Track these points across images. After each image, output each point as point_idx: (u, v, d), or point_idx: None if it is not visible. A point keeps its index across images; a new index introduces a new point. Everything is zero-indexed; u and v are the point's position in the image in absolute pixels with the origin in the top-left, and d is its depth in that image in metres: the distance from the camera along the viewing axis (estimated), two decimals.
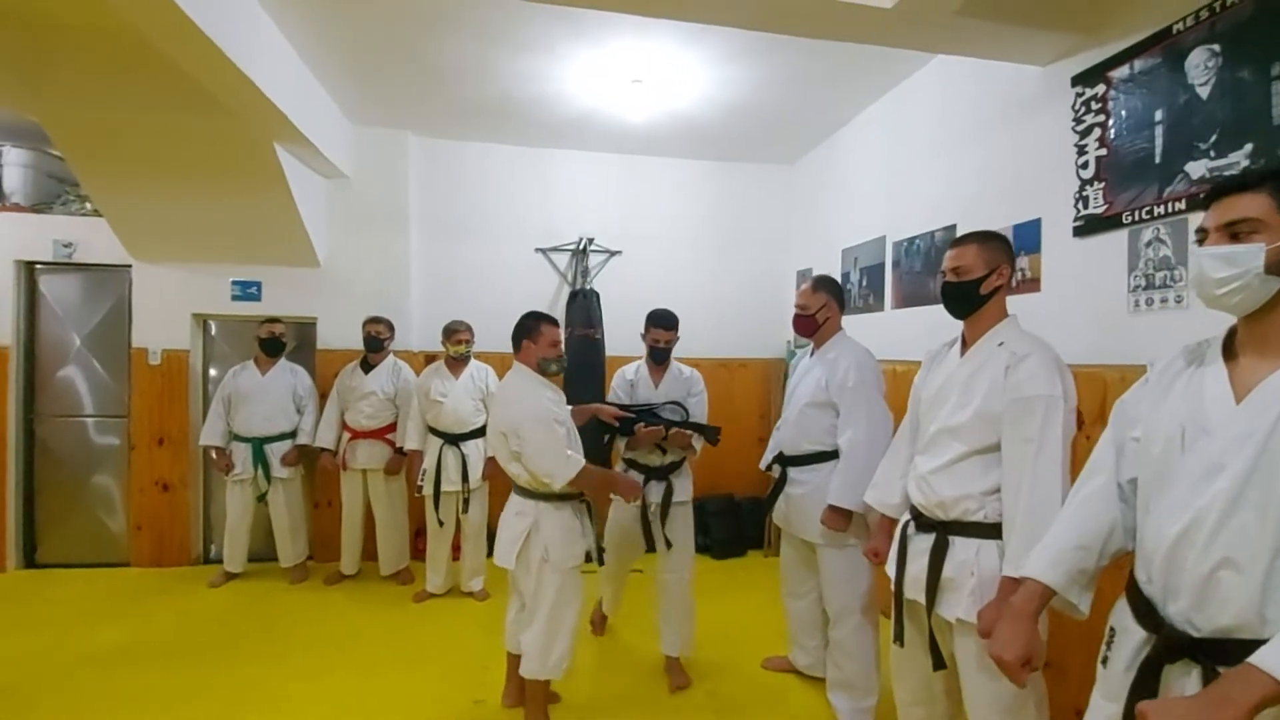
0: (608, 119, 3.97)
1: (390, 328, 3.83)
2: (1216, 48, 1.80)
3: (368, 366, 3.79)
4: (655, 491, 2.67)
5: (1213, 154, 1.80)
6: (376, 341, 3.76)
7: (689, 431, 2.65)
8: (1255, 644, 0.91)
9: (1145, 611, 1.11)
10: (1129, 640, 1.14)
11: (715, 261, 4.81)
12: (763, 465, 2.72)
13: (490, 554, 3.62)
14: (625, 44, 3.03)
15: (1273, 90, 1.66)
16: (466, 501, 3.54)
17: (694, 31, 2.81)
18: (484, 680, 2.66)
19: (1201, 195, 1.79)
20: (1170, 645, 1.06)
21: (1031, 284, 2.43)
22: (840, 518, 2.27)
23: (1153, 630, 1.09)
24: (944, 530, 1.65)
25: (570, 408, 2.47)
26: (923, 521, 1.72)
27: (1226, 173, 1.76)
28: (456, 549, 3.70)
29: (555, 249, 4.57)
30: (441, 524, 3.54)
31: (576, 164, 4.62)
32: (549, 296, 4.57)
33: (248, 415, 3.71)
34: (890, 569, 1.81)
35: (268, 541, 3.90)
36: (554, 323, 2.41)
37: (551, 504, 2.28)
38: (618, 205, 4.67)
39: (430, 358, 3.91)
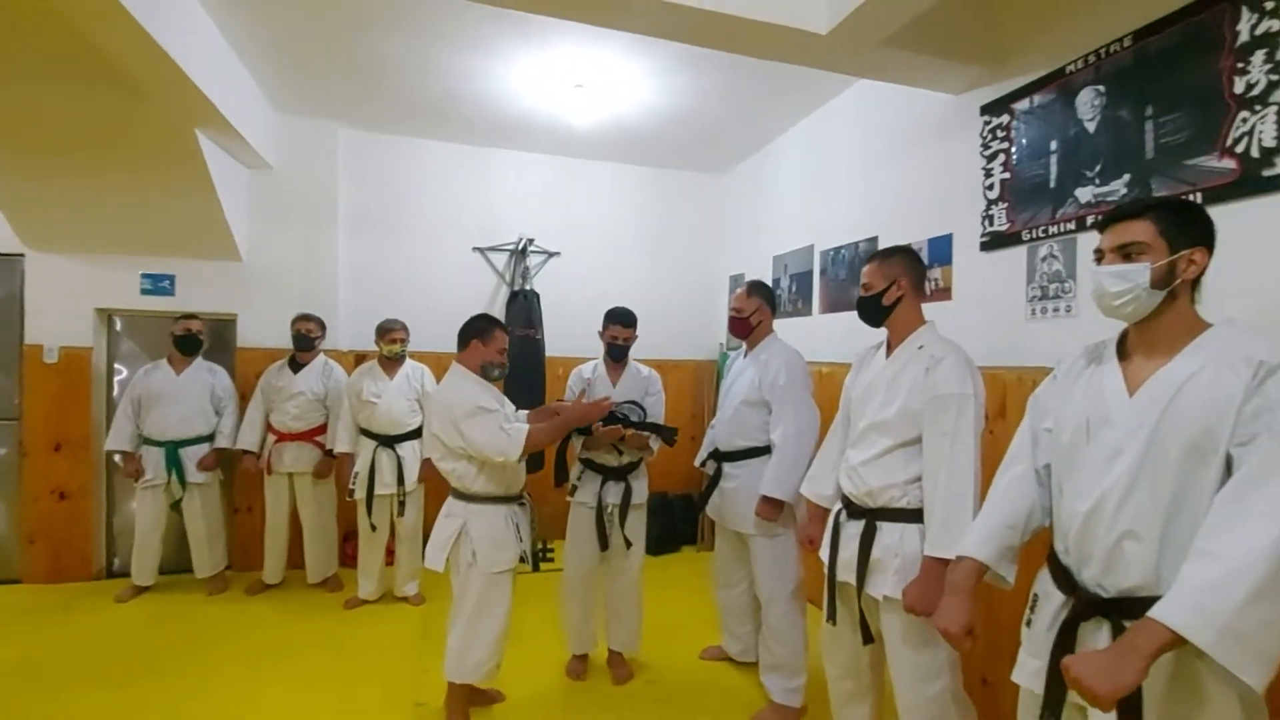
0: (550, 121, 4.00)
1: (321, 326, 3.70)
2: (1102, 89, 2.05)
3: (296, 366, 3.64)
4: (613, 492, 2.69)
5: (1098, 181, 2.05)
6: (307, 340, 3.62)
7: (646, 432, 2.68)
8: (1153, 601, 1.07)
9: (1063, 578, 1.28)
10: (1050, 604, 1.30)
11: (651, 264, 4.93)
12: (698, 462, 2.83)
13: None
14: (569, 49, 3.08)
15: (1146, 128, 1.91)
16: (402, 504, 3.48)
17: (636, 41, 2.89)
18: (424, 683, 2.63)
19: (1088, 218, 2.05)
20: (1084, 606, 1.22)
21: (944, 293, 2.66)
22: (773, 508, 2.40)
23: (1069, 593, 1.26)
24: (872, 517, 1.80)
25: (528, 411, 2.48)
26: (853, 509, 1.87)
27: (1109, 199, 2.01)
28: (390, 554, 3.62)
29: (494, 248, 4.55)
30: (374, 528, 3.46)
31: (517, 164, 4.62)
32: (487, 296, 4.54)
33: (161, 417, 3.49)
34: (824, 554, 1.95)
35: (181, 552, 3.68)
36: (506, 330, 2.44)
37: (481, 506, 2.29)
38: (558, 207, 4.70)
39: (361, 357, 3.81)
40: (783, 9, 2.19)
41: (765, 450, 2.53)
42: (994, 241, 2.43)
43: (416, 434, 3.51)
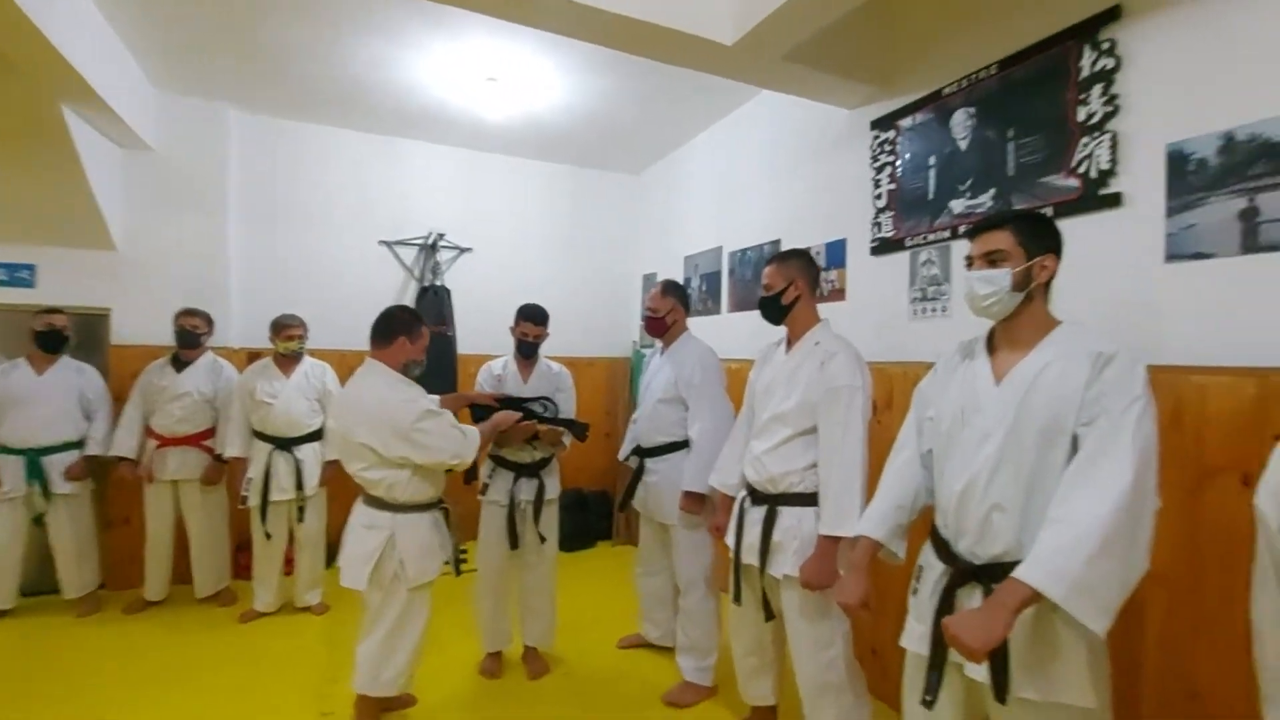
0: (462, 114, 3.93)
1: (208, 321, 3.45)
2: (972, 110, 2.28)
3: (180, 364, 3.38)
4: (526, 489, 2.69)
5: (969, 195, 2.28)
6: (191, 336, 3.37)
7: (559, 428, 2.70)
8: (1017, 565, 1.22)
9: (943, 549, 1.43)
10: (931, 573, 1.45)
11: (566, 262, 4.94)
12: (621, 456, 2.90)
13: (330, 564, 3.46)
14: (481, 42, 3.05)
15: (1008, 149, 2.15)
16: (301, 510, 3.31)
17: (550, 38, 2.89)
18: (330, 693, 2.53)
19: (960, 227, 2.28)
20: (961, 573, 1.38)
21: (839, 293, 2.86)
22: (695, 501, 2.50)
23: (948, 563, 1.41)
24: (773, 502, 1.93)
25: (439, 397, 2.42)
26: (756, 496, 1.99)
27: (978, 210, 2.24)
28: (289, 562, 3.44)
29: (403, 242, 4.40)
30: (270, 537, 3.27)
31: (428, 156, 4.49)
32: (395, 291, 4.39)
33: (21, 422, 3.13)
34: (730, 540, 2.06)
35: (45, 571, 3.32)
36: (425, 325, 2.36)
37: (409, 515, 2.17)
38: (470, 201, 4.62)
39: (255, 355, 3.59)
40: (691, 19, 2.28)
41: (684, 444, 2.63)
42: (882, 247, 2.64)
43: (317, 435, 3.35)
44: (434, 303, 4.17)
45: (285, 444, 3.27)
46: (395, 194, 4.41)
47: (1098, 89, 1.88)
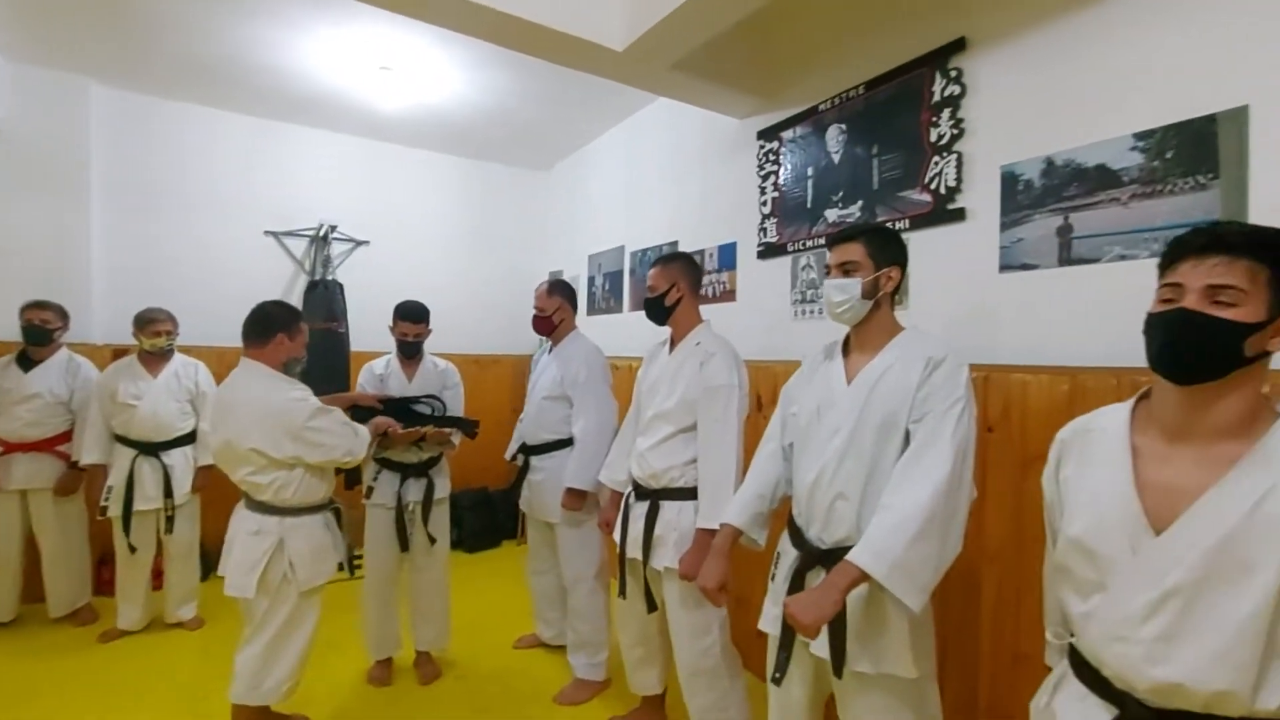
0: (356, 102, 3.78)
1: (62, 315, 3.14)
2: (844, 127, 2.44)
3: (28, 363, 3.07)
4: (414, 490, 2.64)
5: (841, 205, 2.44)
6: (42, 332, 3.05)
7: (447, 428, 2.65)
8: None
9: (796, 536, 1.54)
10: (786, 559, 1.55)
11: (470, 258, 4.85)
12: (508, 456, 2.89)
13: (207, 576, 3.25)
14: (372, 29, 2.95)
15: (874, 164, 2.31)
16: (170, 520, 3.08)
17: (445, 31, 2.84)
18: (203, 710, 2.40)
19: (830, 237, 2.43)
20: (810, 557, 1.48)
21: (730, 294, 2.98)
22: (576, 498, 2.53)
23: (800, 548, 1.51)
24: (656, 497, 2.00)
25: (321, 399, 2.33)
26: (641, 492, 2.05)
27: (848, 219, 2.40)
28: (158, 575, 3.20)
29: (291, 233, 4.18)
30: (134, 549, 3.03)
31: (320, 144, 4.28)
32: (282, 284, 4.16)
33: None
34: (616, 535, 2.12)
35: None
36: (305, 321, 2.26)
37: (299, 518, 2.08)
38: (366, 192, 4.44)
39: (121, 352, 3.31)
40: (582, 23, 2.31)
41: (568, 443, 2.65)
42: (767, 251, 2.78)
43: (188, 439, 3.14)
44: (324, 297, 3.98)
45: (151, 449, 3.04)
46: (284, 182, 4.18)
47: (947, 113, 2.06)
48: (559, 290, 2.73)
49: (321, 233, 4.19)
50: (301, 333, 2.19)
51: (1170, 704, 0.87)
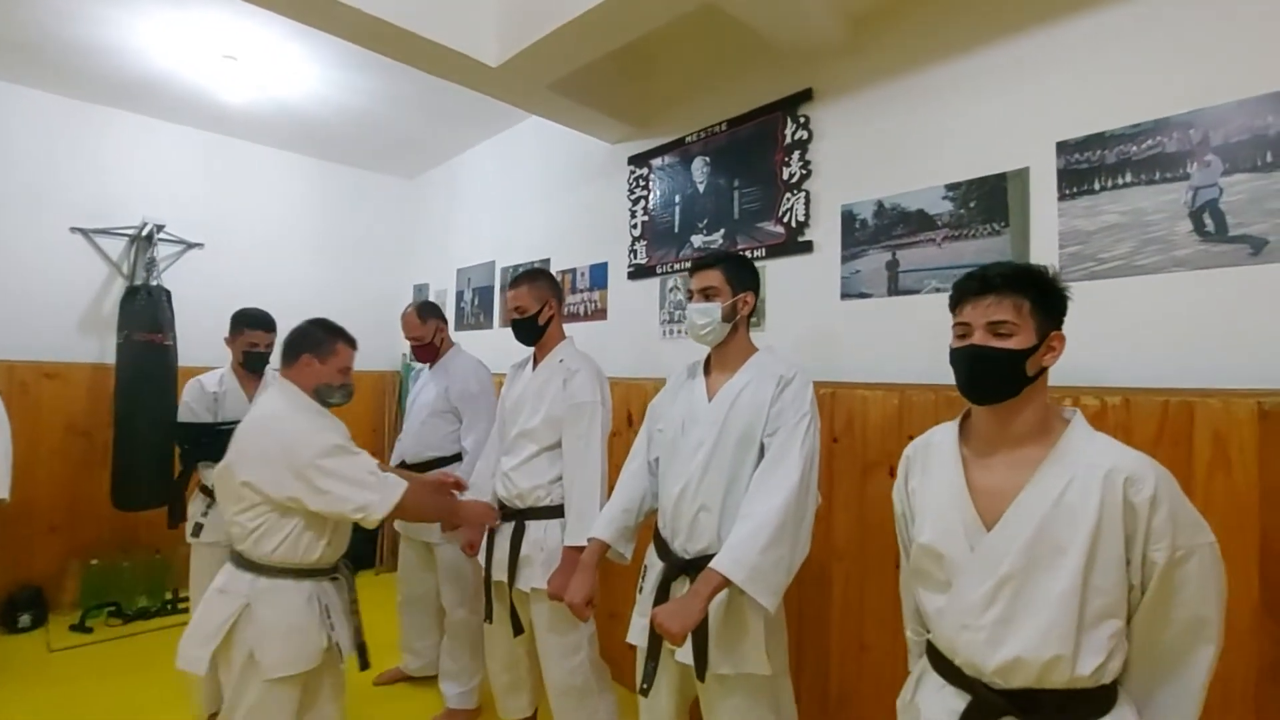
0: (192, 90, 3.41)
1: None
2: (708, 159, 2.60)
3: None
4: None
5: (706, 232, 2.59)
6: None
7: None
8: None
9: (662, 548, 1.59)
10: (653, 571, 1.60)
11: (324, 266, 4.51)
12: None
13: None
14: (215, 14, 2.70)
15: (735, 196, 2.48)
16: None
17: (299, 25, 2.67)
18: None
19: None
20: (675, 567, 1.54)
21: (601, 313, 3.04)
22: None
23: (665, 559, 1.57)
24: (521, 517, 1.98)
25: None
26: (506, 512, 2.02)
27: (712, 246, 2.55)
28: None
29: (105, 232, 3.66)
30: None
31: (148, 133, 3.80)
32: (93, 289, 3.63)
33: None
34: (481, 557, 2.06)
35: None
36: (354, 345, 1.88)
37: (275, 581, 1.65)
38: (202, 190, 4.00)
39: None
40: (457, 35, 2.28)
41: (453, 459, 2.57)
42: (637, 272, 2.87)
43: None
44: (146, 306, 3.49)
45: None
46: (98, 173, 3.66)
47: (797, 154, 2.27)
48: (431, 313, 2.65)
49: (145, 232, 3.71)
50: (337, 355, 1.82)
51: (1012, 683, 0.99)
